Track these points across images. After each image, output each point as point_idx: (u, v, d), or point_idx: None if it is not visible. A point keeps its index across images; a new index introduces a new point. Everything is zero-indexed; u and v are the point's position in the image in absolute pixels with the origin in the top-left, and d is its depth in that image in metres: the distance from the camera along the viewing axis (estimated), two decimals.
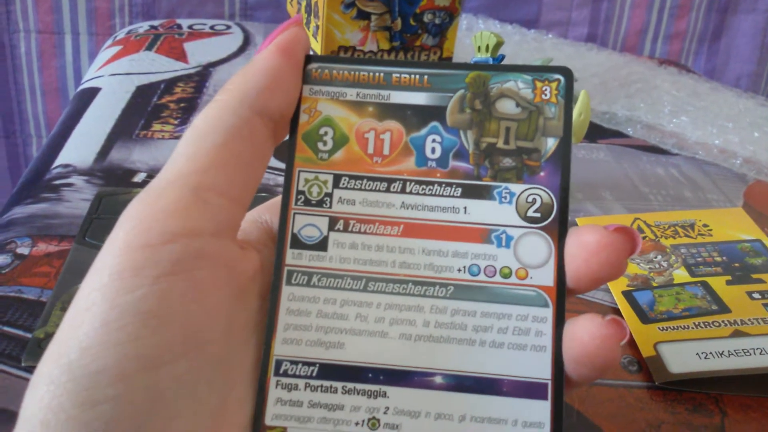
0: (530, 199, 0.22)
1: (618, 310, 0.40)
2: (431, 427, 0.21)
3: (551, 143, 0.22)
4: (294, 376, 0.21)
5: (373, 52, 0.56)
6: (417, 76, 0.23)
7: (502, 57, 0.49)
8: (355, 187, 0.23)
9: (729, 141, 0.60)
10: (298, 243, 0.22)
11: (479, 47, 0.49)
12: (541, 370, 0.21)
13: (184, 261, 0.19)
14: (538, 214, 0.22)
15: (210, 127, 0.21)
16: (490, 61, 0.48)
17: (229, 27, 0.78)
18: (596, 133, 0.62)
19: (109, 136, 0.54)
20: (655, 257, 0.44)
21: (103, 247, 0.20)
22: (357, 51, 0.56)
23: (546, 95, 0.23)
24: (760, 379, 0.36)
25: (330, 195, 0.23)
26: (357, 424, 0.21)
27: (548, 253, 0.22)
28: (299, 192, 0.23)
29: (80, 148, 0.53)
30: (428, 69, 0.23)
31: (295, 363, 0.22)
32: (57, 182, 0.48)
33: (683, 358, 0.36)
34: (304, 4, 0.59)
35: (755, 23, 0.94)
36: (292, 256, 0.22)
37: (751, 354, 0.36)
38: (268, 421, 0.21)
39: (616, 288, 0.42)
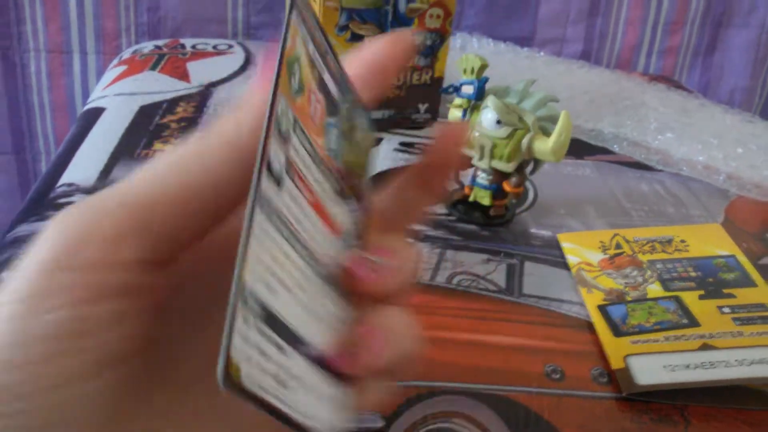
0: None
1: (592, 323, 0.42)
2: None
3: None
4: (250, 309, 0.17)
5: None
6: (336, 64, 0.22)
7: (486, 79, 0.51)
8: (303, 143, 0.20)
9: (713, 157, 0.61)
10: (270, 169, 0.18)
11: (465, 69, 0.51)
12: None
13: (106, 289, 0.19)
14: None
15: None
16: (475, 83, 0.50)
17: (231, 46, 0.81)
18: (583, 149, 0.63)
19: (112, 155, 0.57)
20: (631, 272, 0.46)
21: (29, 253, 0.19)
22: None
23: None
24: (724, 391, 0.38)
25: (289, 137, 0.19)
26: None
27: None
28: (278, 119, 0.19)
29: (84, 168, 0.55)
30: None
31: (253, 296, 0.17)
32: (61, 201, 0.51)
33: (651, 370, 0.38)
34: None
35: (748, 38, 0.95)
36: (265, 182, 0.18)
37: (716, 366, 0.38)
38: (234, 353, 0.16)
39: (592, 302, 0.43)
